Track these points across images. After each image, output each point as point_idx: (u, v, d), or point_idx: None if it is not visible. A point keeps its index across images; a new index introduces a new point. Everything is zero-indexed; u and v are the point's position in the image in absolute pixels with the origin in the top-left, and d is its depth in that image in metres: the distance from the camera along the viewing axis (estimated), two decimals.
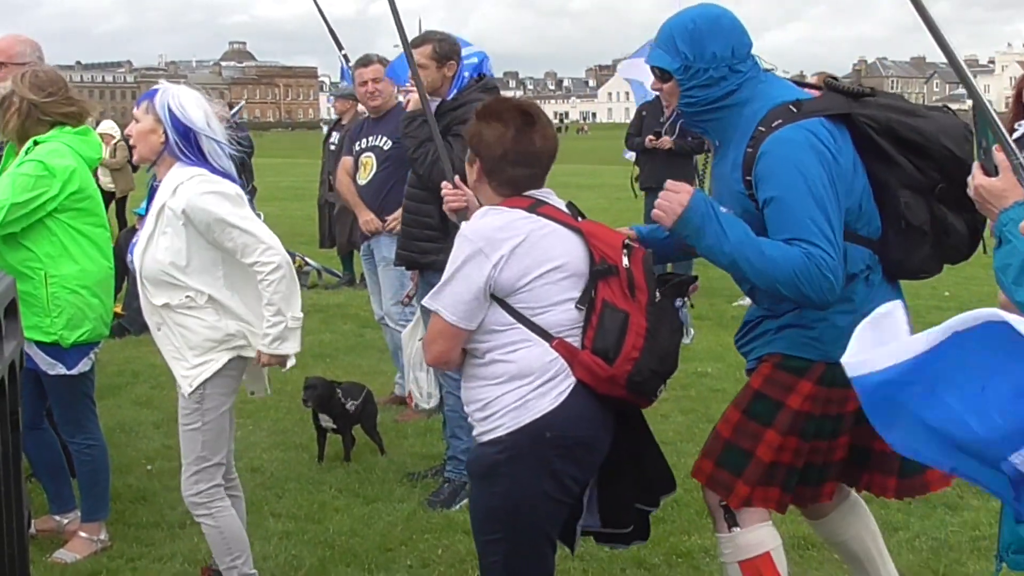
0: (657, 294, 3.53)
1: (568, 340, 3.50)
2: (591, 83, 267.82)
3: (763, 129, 3.65)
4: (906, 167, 3.71)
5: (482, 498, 3.68)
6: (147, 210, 4.65)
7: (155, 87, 4.59)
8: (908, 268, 3.84)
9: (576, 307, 3.50)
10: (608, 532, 3.88)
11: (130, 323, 10.47)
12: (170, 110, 4.44)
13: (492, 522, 3.62)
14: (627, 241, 3.64)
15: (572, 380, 3.49)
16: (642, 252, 3.60)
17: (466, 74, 6.20)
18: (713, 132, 3.88)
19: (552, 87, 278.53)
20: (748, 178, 3.70)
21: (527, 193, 3.62)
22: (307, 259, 14.41)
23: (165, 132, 4.45)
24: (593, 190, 29.52)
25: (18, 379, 2.40)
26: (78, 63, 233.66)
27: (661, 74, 3.82)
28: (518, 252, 3.47)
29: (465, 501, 6.07)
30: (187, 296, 4.42)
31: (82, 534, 5.45)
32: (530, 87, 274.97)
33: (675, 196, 3.65)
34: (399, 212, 6.93)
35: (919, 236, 3.74)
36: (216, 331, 4.46)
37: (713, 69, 3.70)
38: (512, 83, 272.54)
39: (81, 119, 5.32)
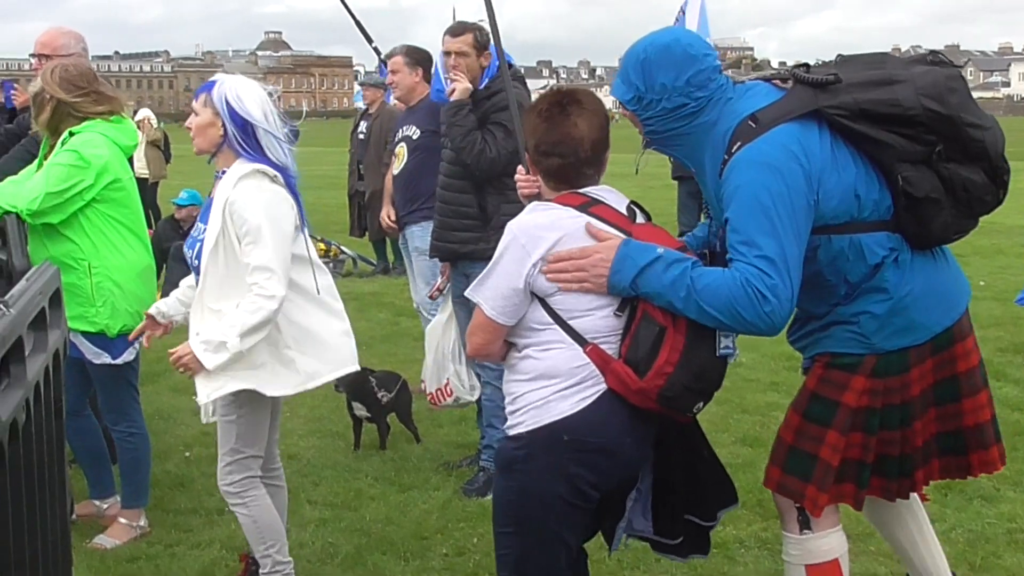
0: None
1: (604, 347, 3.41)
2: None
3: (727, 157, 3.52)
4: (895, 142, 3.54)
5: (499, 491, 3.68)
6: (207, 202, 4.60)
7: (212, 79, 4.53)
8: (933, 237, 3.67)
9: (614, 314, 3.43)
10: (661, 542, 3.76)
11: None
12: (228, 103, 4.37)
13: (505, 515, 3.60)
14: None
15: (602, 387, 3.40)
16: None
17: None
18: (685, 158, 3.75)
19: (585, 76, 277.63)
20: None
21: (583, 190, 3.51)
22: (342, 247, 14.47)
23: (224, 125, 4.40)
24: (627, 179, 29.41)
25: (62, 368, 2.43)
26: (116, 53, 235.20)
27: (621, 103, 3.71)
28: (566, 247, 3.40)
29: None
30: (237, 305, 4.31)
31: (122, 520, 5.50)
32: (563, 76, 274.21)
33: (590, 260, 3.39)
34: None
35: (931, 205, 3.56)
36: (250, 357, 4.39)
37: (666, 100, 3.55)
38: (545, 72, 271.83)
39: (113, 114, 5.34)
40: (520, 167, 4.33)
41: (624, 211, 3.53)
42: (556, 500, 3.45)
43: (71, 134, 5.17)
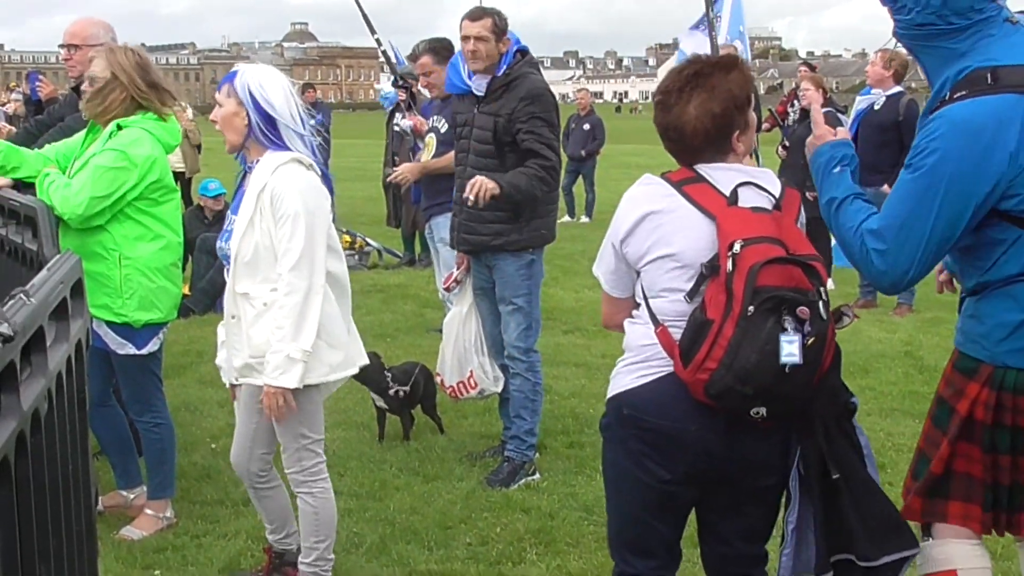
0: (750, 308, 3.10)
1: (674, 331, 3.29)
2: (651, 62, 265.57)
3: (947, 97, 3.28)
4: None
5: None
6: (237, 194, 4.59)
7: (234, 69, 4.51)
8: None
9: (684, 299, 3.29)
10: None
11: (195, 303, 10.58)
12: (251, 93, 4.36)
13: (605, 481, 3.62)
14: (739, 243, 3.17)
15: (667, 369, 3.29)
16: (752, 260, 3.13)
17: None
18: (925, 69, 3.51)
19: (612, 66, 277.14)
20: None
21: (696, 166, 3.41)
22: (368, 239, 14.47)
23: (248, 115, 4.38)
24: (652, 170, 29.22)
25: (84, 358, 2.44)
26: (143, 45, 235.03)
27: None
28: (645, 226, 3.34)
29: (523, 481, 6.10)
30: (272, 290, 4.33)
31: (148, 511, 5.52)
32: (590, 67, 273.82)
33: (818, 136, 3.59)
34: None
35: None
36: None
37: (917, 12, 3.33)
38: (572, 62, 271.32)
39: (168, 105, 5.35)
40: None
41: (727, 192, 3.33)
42: (627, 474, 3.42)
43: (119, 127, 5.16)
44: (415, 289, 12.38)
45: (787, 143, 12.32)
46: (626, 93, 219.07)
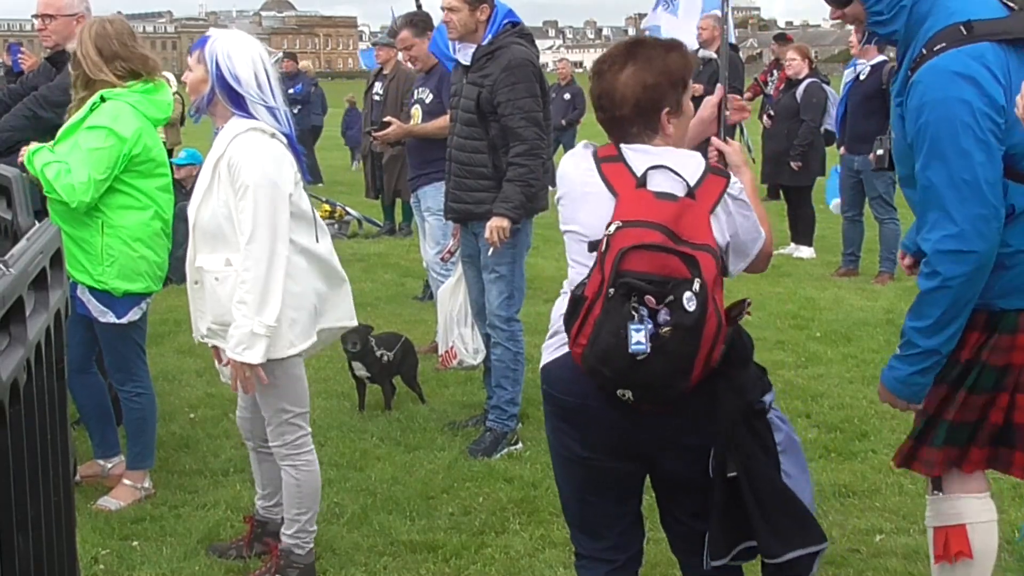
0: (611, 291, 3.05)
1: None
2: (631, 32, 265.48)
3: (925, 52, 3.31)
4: None
5: None
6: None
7: (207, 34, 4.43)
8: None
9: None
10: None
11: (172, 272, 10.49)
12: (217, 65, 4.27)
13: None
14: (616, 224, 3.13)
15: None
16: (623, 243, 3.08)
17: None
18: (900, 47, 3.55)
19: (592, 36, 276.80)
20: (902, 100, 3.47)
21: (622, 144, 3.34)
22: (348, 208, 14.45)
23: (212, 84, 4.31)
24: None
25: (64, 328, 2.41)
26: (119, 13, 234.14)
27: (836, 1, 3.54)
28: (566, 198, 3.37)
29: (506, 450, 6.10)
30: (227, 264, 4.27)
31: (127, 482, 5.49)
32: (569, 36, 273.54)
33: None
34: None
35: None
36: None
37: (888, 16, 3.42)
38: (551, 32, 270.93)
39: (151, 75, 5.29)
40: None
41: (638, 174, 3.24)
42: (553, 450, 3.49)
43: (103, 99, 5.10)
44: (395, 258, 12.37)
45: (772, 112, 12.34)
46: None
